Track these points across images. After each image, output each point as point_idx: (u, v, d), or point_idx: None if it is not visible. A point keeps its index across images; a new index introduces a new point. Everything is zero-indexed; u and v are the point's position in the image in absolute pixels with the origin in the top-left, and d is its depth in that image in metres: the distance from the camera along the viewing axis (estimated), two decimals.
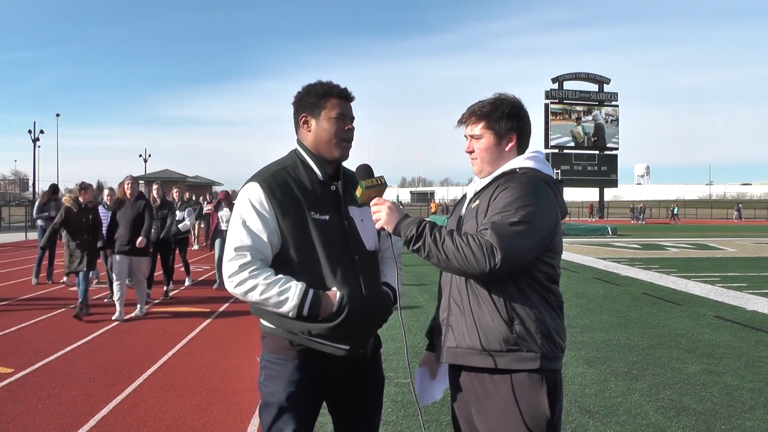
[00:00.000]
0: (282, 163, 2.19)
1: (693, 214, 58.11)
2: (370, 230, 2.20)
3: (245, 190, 2.11)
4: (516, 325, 1.94)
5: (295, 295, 2.00)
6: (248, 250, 2.03)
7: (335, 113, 2.14)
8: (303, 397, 2.09)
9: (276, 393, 2.08)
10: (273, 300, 2.01)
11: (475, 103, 2.15)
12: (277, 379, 2.09)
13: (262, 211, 2.05)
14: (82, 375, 5.04)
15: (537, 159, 2.10)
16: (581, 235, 26.18)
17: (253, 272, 2.02)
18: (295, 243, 2.06)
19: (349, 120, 2.17)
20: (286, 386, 2.07)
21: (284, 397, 2.06)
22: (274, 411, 2.08)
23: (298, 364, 2.09)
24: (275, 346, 2.13)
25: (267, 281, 2.01)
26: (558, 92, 46.14)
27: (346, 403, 2.26)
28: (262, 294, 2.01)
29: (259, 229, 2.04)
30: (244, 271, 2.02)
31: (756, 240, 23.93)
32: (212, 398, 4.52)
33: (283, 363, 2.09)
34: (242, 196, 2.11)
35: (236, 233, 2.06)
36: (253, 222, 2.05)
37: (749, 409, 4.29)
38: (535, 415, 1.94)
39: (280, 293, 2.00)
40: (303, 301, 2.00)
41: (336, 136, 2.14)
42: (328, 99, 2.15)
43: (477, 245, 1.86)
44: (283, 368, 2.09)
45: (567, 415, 4.12)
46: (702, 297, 9.29)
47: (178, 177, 34.73)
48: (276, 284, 2.01)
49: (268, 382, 2.11)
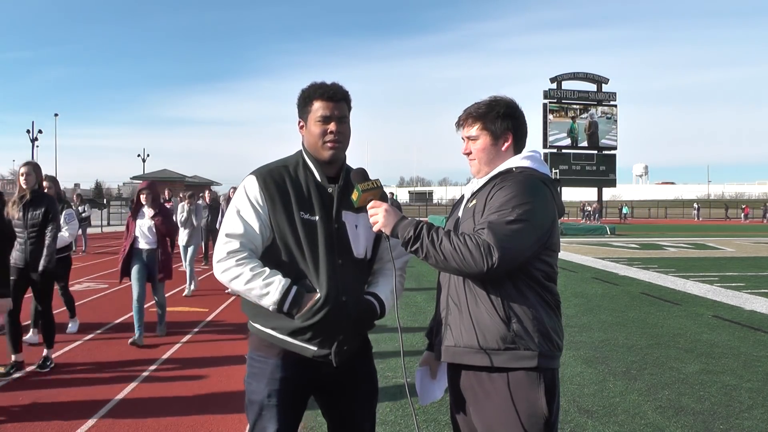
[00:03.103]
0: (285, 161, 2.24)
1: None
2: (362, 238, 2.21)
3: (244, 182, 2.18)
4: (513, 323, 1.95)
5: (277, 289, 2.03)
6: (238, 237, 2.09)
7: (318, 115, 2.15)
8: (285, 395, 2.11)
9: (258, 390, 2.11)
10: (256, 291, 2.05)
11: (471, 105, 2.19)
12: (260, 376, 2.12)
13: (256, 204, 2.11)
14: (80, 375, 5.03)
15: (533, 158, 2.11)
16: (579, 235, 26.22)
17: (240, 261, 2.07)
18: (283, 239, 2.10)
19: (335, 120, 2.15)
20: (268, 384, 2.10)
21: (266, 394, 2.09)
22: (256, 408, 2.11)
23: (280, 363, 2.11)
24: (258, 344, 2.16)
25: (253, 272, 2.05)
26: (556, 92, 46.12)
27: (337, 405, 2.26)
28: (246, 284, 2.05)
29: (251, 219, 2.10)
30: (231, 258, 2.07)
31: (755, 240, 23.97)
32: (211, 398, 4.52)
33: (265, 361, 2.12)
34: (241, 187, 2.18)
35: (230, 221, 2.12)
36: (246, 212, 2.11)
37: (747, 409, 4.30)
38: (533, 413, 1.94)
39: (264, 285, 2.04)
40: (285, 297, 2.03)
41: (320, 138, 2.15)
42: (312, 102, 2.17)
43: (474, 245, 1.87)
44: (265, 366, 2.12)
45: (565, 414, 4.13)
46: (700, 297, 9.31)
47: (177, 177, 34.73)
48: (261, 276, 2.05)
49: (251, 380, 2.15)
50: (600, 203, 47.34)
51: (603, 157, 46.61)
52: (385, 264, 2.32)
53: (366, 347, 2.31)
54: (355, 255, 2.19)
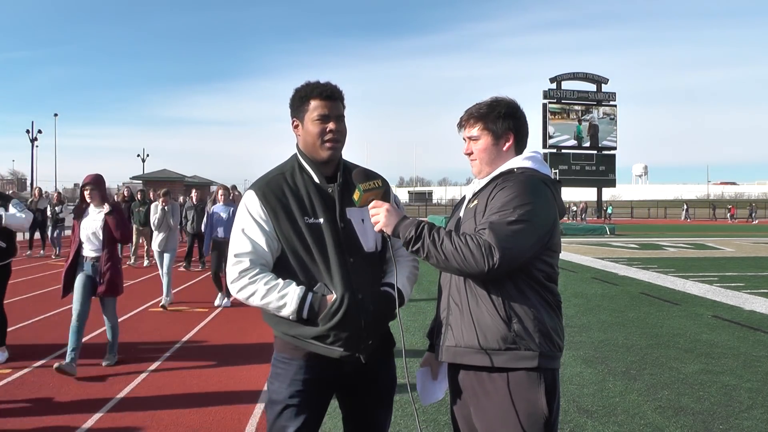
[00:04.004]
0: (281, 168, 2.23)
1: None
2: (370, 231, 2.20)
3: (244, 199, 2.18)
4: (514, 323, 1.95)
5: (293, 299, 2.04)
6: (247, 256, 2.09)
7: (316, 114, 2.14)
8: (307, 396, 2.11)
9: (280, 391, 2.12)
10: (273, 305, 2.06)
11: (472, 105, 2.19)
12: (282, 377, 2.13)
13: (258, 219, 2.11)
14: (80, 375, 5.03)
15: (535, 159, 2.12)
16: (579, 235, 26.23)
17: (253, 278, 2.07)
18: (292, 247, 2.10)
19: (332, 119, 2.14)
20: (290, 385, 2.11)
21: (287, 395, 2.10)
22: (278, 409, 2.12)
23: (304, 364, 2.12)
24: (282, 346, 2.17)
25: (267, 286, 2.06)
26: (556, 92, 46.15)
27: (354, 402, 2.28)
28: (263, 299, 2.06)
29: (256, 236, 2.10)
30: (243, 277, 2.08)
31: (754, 240, 23.97)
32: (211, 398, 4.52)
33: (288, 362, 2.14)
34: (241, 204, 2.18)
35: (236, 240, 2.13)
36: (250, 229, 2.11)
37: (747, 409, 4.30)
38: (533, 413, 1.95)
39: (280, 298, 2.05)
40: (302, 305, 2.04)
41: (319, 137, 2.14)
42: (308, 101, 2.15)
43: (475, 245, 1.87)
44: (289, 367, 2.13)
45: (565, 414, 4.13)
46: (700, 297, 9.31)
47: (176, 177, 34.68)
48: (275, 289, 2.05)
49: (273, 380, 2.17)
50: (599, 203, 47.36)
51: (603, 157, 46.64)
52: (395, 251, 2.26)
53: (388, 342, 2.30)
54: (366, 250, 2.18)
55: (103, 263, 5.19)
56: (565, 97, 46.54)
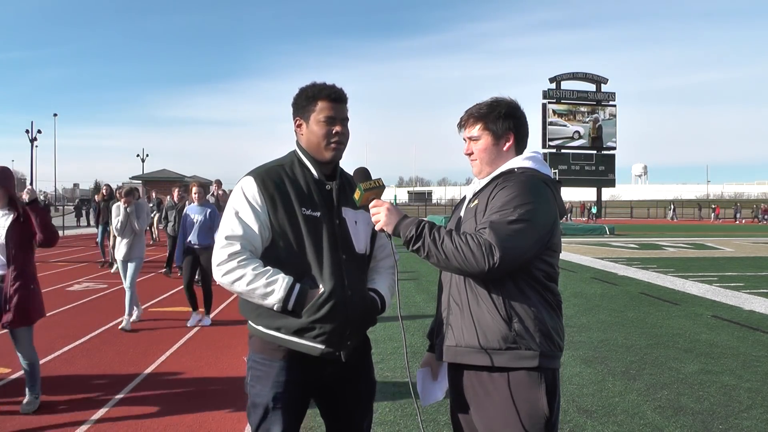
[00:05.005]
0: (280, 160, 2.23)
1: (690, 214, 58.22)
2: (362, 233, 2.22)
3: (241, 183, 2.15)
4: (515, 323, 1.95)
5: (281, 288, 2.01)
6: (238, 239, 2.06)
7: (323, 116, 2.14)
8: (289, 398, 2.10)
9: (262, 394, 2.09)
10: (259, 291, 2.02)
11: (473, 105, 2.19)
12: (264, 379, 2.10)
13: (254, 204, 2.08)
14: (79, 375, 5.03)
15: (535, 159, 2.12)
16: (579, 235, 26.23)
17: (242, 262, 2.04)
18: (285, 237, 2.08)
19: (338, 122, 2.15)
20: (272, 387, 2.08)
21: (270, 397, 2.08)
22: (260, 412, 2.09)
23: (285, 365, 2.09)
24: (261, 347, 2.13)
25: (255, 272, 2.03)
26: (556, 92, 46.12)
27: (335, 406, 2.26)
28: (249, 284, 2.03)
29: (250, 221, 2.07)
30: (233, 260, 2.04)
31: (753, 240, 23.98)
32: (210, 398, 4.52)
33: (269, 363, 2.10)
34: (237, 188, 2.15)
35: (228, 223, 2.09)
36: (245, 213, 2.08)
37: (746, 409, 4.30)
38: (534, 413, 1.95)
39: (267, 285, 2.02)
40: (289, 294, 2.02)
41: (325, 138, 2.14)
42: (316, 102, 2.15)
43: (476, 244, 1.87)
44: (269, 369, 2.10)
45: (564, 414, 4.13)
46: (699, 297, 9.31)
47: (176, 176, 34.72)
48: (263, 275, 2.03)
49: (254, 383, 2.13)
50: (599, 203, 47.35)
51: (602, 157, 46.63)
52: (379, 262, 2.33)
53: (366, 345, 2.32)
54: (357, 251, 2.20)
55: (9, 283, 3.96)
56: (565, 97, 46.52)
